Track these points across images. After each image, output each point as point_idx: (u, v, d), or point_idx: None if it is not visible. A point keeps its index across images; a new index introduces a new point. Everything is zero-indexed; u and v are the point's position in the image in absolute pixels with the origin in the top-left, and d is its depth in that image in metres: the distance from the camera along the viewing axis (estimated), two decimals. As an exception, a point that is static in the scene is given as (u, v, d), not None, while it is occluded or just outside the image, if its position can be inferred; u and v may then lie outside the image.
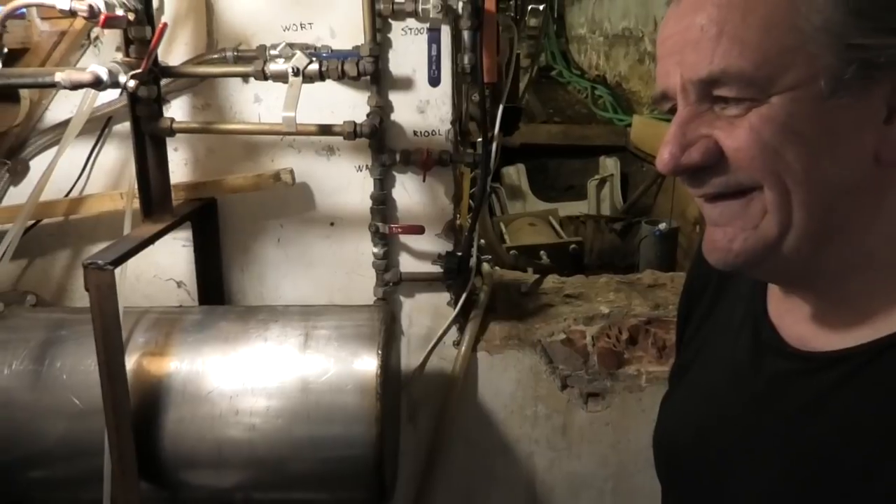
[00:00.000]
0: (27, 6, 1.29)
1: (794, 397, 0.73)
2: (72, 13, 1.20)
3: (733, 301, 0.86)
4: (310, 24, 1.65)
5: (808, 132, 0.63)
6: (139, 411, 1.36)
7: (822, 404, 0.70)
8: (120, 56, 1.39)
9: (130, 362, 1.37)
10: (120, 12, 1.23)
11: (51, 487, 1.47)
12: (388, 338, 1.46)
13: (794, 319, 0.76)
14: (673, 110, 0.70)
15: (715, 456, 0.83)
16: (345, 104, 1.67)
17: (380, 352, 1.41)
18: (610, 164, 5.37)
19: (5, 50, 1.23)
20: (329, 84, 1.60)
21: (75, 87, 1.20)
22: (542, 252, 3.08)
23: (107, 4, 1.20)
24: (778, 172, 0.64)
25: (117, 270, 1.26)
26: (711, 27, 0.63)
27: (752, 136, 0.64)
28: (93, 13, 1.19)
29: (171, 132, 1.49)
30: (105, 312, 1.21)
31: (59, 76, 1.20)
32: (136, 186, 1.50)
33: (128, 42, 1.38)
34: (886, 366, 0.66)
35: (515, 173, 5.34)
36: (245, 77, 1.60)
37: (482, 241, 2.00)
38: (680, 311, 1.01)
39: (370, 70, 1.51)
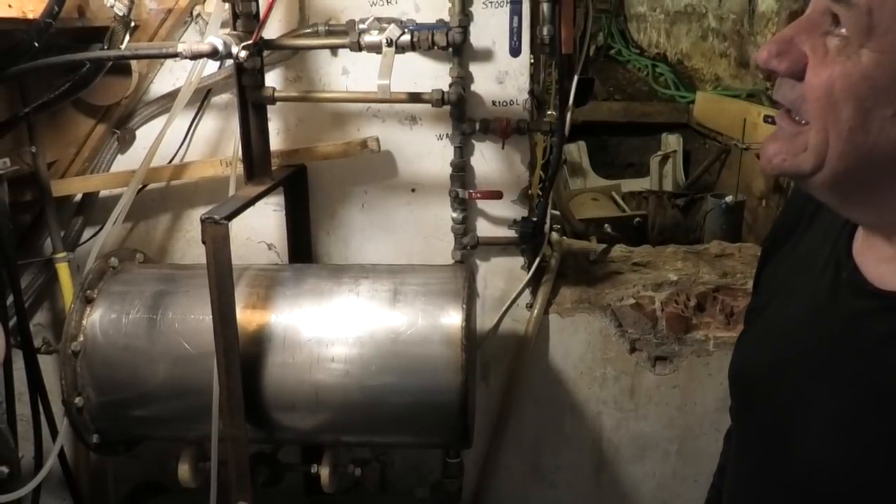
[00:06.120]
0: (151, -16, 1.40)
1: (870, 333, 0.77)
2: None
3: (819, 242, 0.90)
4: (395, -1, 1.74)
5: (870, 100, 0.68)
6: (244, 356, 1.47)
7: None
8: (227, 30, 1.50)
9: (236, 312, 1.49)
10: (235, -13, 1.34)
11: (161, 425, 1.61)
12: (471, 294, 1.56)
13: (875, 260, 0.80)
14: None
15: (789, 390, 0.86)
16: (427, 76, 1.75)
17: (464, 306, 1.50)
18: (672, 141, 5.33)
19: (132, 24, 1.35)
20: (412, 57, 1.69)
21: (195, 57, 1.32)
22: (606, 225, 3.12)
23: (223, -20, 1.31)
24: (828, 122, 0.71)
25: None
26: None
27: (826, 83, 0.70)
28: (212, -12, 1.30)
29: (273, 100, 1.60)
30: (219, 261, 1.33)
31: (182, 48, 1.31)
32: (240, 151, 1.61)
33: (235, 17, 1.49)
34: None
35: (576, 150, 5.34)
36: (338, 49, 1.70)
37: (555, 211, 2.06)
38: (763, 251, 1.05)
39: (459, 40, 1.58)
